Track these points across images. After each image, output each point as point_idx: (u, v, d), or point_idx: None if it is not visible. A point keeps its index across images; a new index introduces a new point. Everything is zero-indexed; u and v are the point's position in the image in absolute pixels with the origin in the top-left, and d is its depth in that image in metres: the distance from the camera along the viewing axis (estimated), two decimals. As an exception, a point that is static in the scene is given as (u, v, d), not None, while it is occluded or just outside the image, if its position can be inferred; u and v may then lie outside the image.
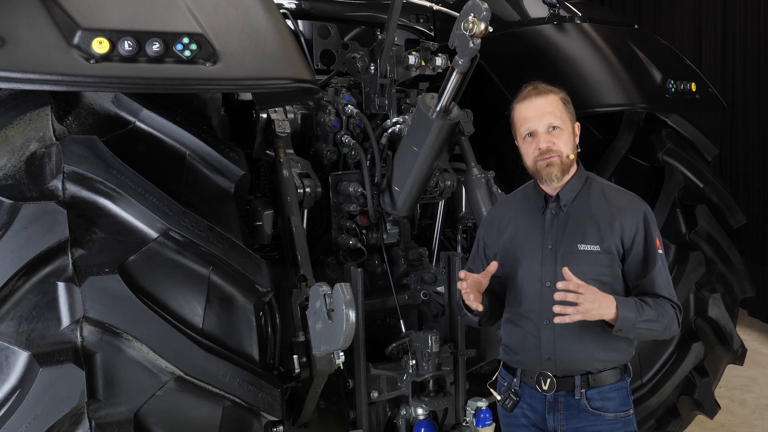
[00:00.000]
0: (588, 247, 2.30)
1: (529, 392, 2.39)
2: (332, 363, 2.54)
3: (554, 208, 2.38)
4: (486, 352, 3.31)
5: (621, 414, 2.33)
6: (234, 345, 2.25)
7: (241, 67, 2.12)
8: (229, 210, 2.39)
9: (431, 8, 4.01)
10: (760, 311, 6.61)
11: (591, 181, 2.42)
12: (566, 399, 2.33)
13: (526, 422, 2.41)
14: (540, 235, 2.37)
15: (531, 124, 2.33)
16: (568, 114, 2.36)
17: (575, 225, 2.34)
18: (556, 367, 2.33)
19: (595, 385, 2.32)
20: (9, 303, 1.98)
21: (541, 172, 2.33)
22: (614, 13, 5.63)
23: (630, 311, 2.19)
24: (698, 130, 3.92)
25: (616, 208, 2.34)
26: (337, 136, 3.21)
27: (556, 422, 2.34)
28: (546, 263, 2.33)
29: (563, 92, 2.40)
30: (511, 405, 2.41)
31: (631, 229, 2.30)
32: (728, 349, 3.69)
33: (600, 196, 2.38)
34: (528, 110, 2.35)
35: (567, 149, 2.33)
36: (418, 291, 3.27)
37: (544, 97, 2.35)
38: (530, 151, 2.35)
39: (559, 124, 2.32)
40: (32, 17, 1.96)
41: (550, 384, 2.33)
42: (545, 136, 2.31)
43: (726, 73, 6.90)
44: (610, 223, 2.31)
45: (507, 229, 2.48)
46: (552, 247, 2.34)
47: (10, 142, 2.15)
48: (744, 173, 6.80)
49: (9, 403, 1.96)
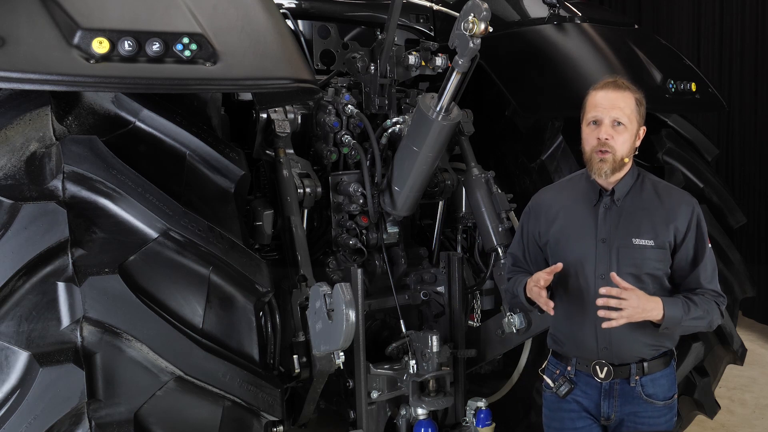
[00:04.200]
0: (643, 242, 2.35)
1: (584, 380, 2.45)
2: (332, 363, 2.54)
3: (608, 201, 2.42)
4: (486, 352, 3.31)
5: (668, 401, 2.44)
6: (234, 345, 2.25)
7: (241, 67, 2.12)
8: (229, 210, 2.39)
9: (431, 8, 4.01)
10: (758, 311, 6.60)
11: (643, 177, 2.47)
12: (621, 386, 2.41)
13: (577, 408, 2.46)
14: (593, 228, 2.41)
15: (599, 112, 2.37)
16: (636, 115, 2.39)
17: (629, 219, 2.39)
18: (612, 355, 2.39)
19: (649, 372, 2.40)
20: (9, 303, 1.97)
21: (593, 164, 2.37)
22: (614, 13, 5.64)
23: (677, 311, 2.27)
24: (698, 130, 3.92)
25: (669, 204, 2.40)
26: (337, 136, 3.21)
27: (611, 408, 2.42)
28: (600, 256, 2.38)
29: (640, 93, 2.43)
30: (566, 392, 2.47)
31: (683, 225, 2.36)
32: (728, 349, 3.69)
33: (652, 192, 2.43)
34: (600, 99, 2.39)
35: (623, 150, 2.36)
36: (418, 291, 3.27)
37: (620, 92, 2.38)
38: (591, 138, 2.38)
39: (624, 121, 2.35)
40: (32, 17, 1.96)
41: (607, 372, 2.39)
42: (607, 129, 2.35)
43: (723, 73, 6.90)
44: (663, 218, 2.37)
45: (557, 219, 2.51)
46: (606, 240, 2.38)
47: (10, 142, 2.15)
48: (742, 173, 6.80)
49: (9, 403, 1.96)
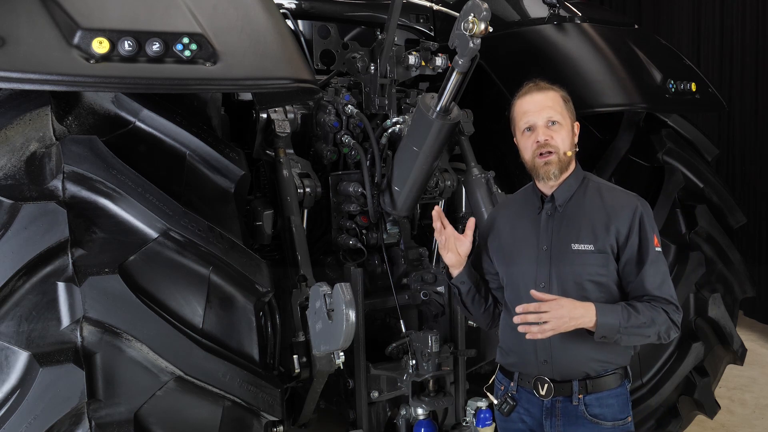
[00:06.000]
0: (582, 247, 2.26)
1: (526, 397, 2.36)
2: (332, 363, 2.54)
3: (550, 208, 2.35)
4: (486, 352, 3.31)
5: (619, 422, 2.28)
6: (234, 345, 2.25)
7: (241, 67, 2.11)
8: (229, 210, 2.39)
9: (431, 8, 4.01)
10: (758, 311, 6.61)
11: (588, 181, 2.39)
12: (564, 405, 2.29)
13: (523, 427, 2.38)
14: (535, 236, 2.35)
15: (530, 117, 2.32)
16: (567, 112, 2.35)
17: (569, 225, 2.31)
18: (553, 370, 2.29)
19: (594, 391, 2.27)
20: (9, 303, 1.97)
21: (538, 169, 2.31)
22: (614, 13, 5.64)
23: (612, 318, 2.14)
24: (698, 130, 3.92)
25: (611, 206, 2.30)
26: (337, 136, 3.21)
27: (553, 428, 2.30)
28: (541, 264, 2.31)
29: (564, 91, 2.40)
30: (508, 409, 2.38)
31: (624, 227, 2.26)
32: (728, 349, 3.69)
33: (596, 196, 2.34)
34: (528, 104, 2.34)
35: (565, 146, 2.31)
36: (418, 291, 3.27)
37: (544, 93, 2.35)
38: (528, 144, 2.33)
39: (558, 119, 2.31)
40: (32, 17, 1.96)
41: (547, 389, 2.29)
42: (544, 130, 2.30)
43: (724, 73, 6.90)
44: (604, 222, 2.27)
45: (504, 230, 2.47)
46: (547, 247, 2.32)
47: (10, 142, 2.15)
48: (742, 173, 6.80)
49: (9, 403, 1.96)
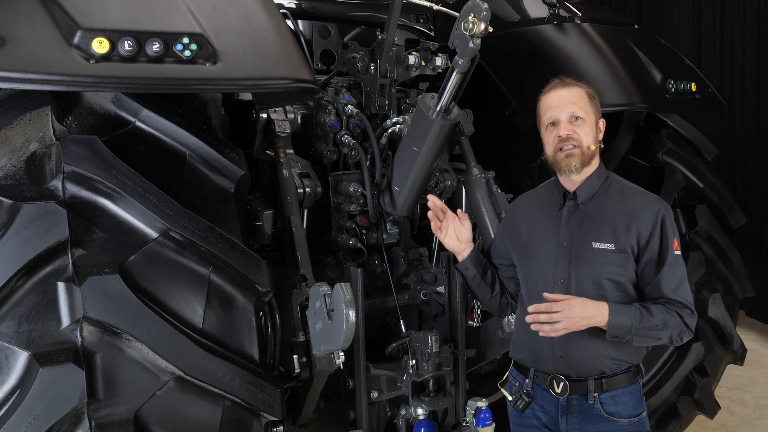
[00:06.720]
0: (602, 246, 2.27)
1: (541, 394, 2.37)
2: (332, 363, 2.54)
3: (571, 205, 2.36)
4: (486, 352, 3.31)
5: (634, 418, 2.31)
6: (234, 345, 2.25)
7: (241, 67, 2.11)
8: (229, 210, 2.39)
9: (431, 8, 4.01)
10: (758, 311, 6.61)
11: (611, 181, 2.40)
12: (579, 403, 2.30)
13: (538, 423, 2.38)
14: (555, 232, 2.35)
15: (554, 112, 2.33)
16: (592, 108, 2.36)
17: (591, 223, 2.32)
18: (569, 367, 2.30)
19: (609, 389, 2.28)
20: (9, 303, 1.97)
21: (560, 162, 2.32)
22: (614, 13, 5.64)
23: (625, 319, 2.16)
24: (698, 130, 3.92)
25: (634, 207, 2.31)
26: (337, 136, 3.21)
27: (569, 426, 2.31)
28: (560, 261, 2.32)
29: (590, 87, 2.40)
30: (523, 406, 2.38)
31: (646, 229, 2.27)
32: (728, 349, 3.69)
33: (618, 196, 2.35)
34: (552, 100, 2.35)
35: (588, 140, 2.31)
36: (418, 291, 3.27)
37: (569, 89, 2.35)
38: (551, 139, 2.34)
39: (581, 114, 2.31)
40: (32, 17, 1.96)
41: (563, 387, 2.30)
42: (567, 125, 2.31)
43: (724, 73, 6.90)
44: (626, 222, 2.28)
45: (524, 224, 2.48)
46: (567, 244, 2.32)
47: (10, 142, 2.14)
48: (742, 173, 6.80)
49: (9, 403, 1.96)
